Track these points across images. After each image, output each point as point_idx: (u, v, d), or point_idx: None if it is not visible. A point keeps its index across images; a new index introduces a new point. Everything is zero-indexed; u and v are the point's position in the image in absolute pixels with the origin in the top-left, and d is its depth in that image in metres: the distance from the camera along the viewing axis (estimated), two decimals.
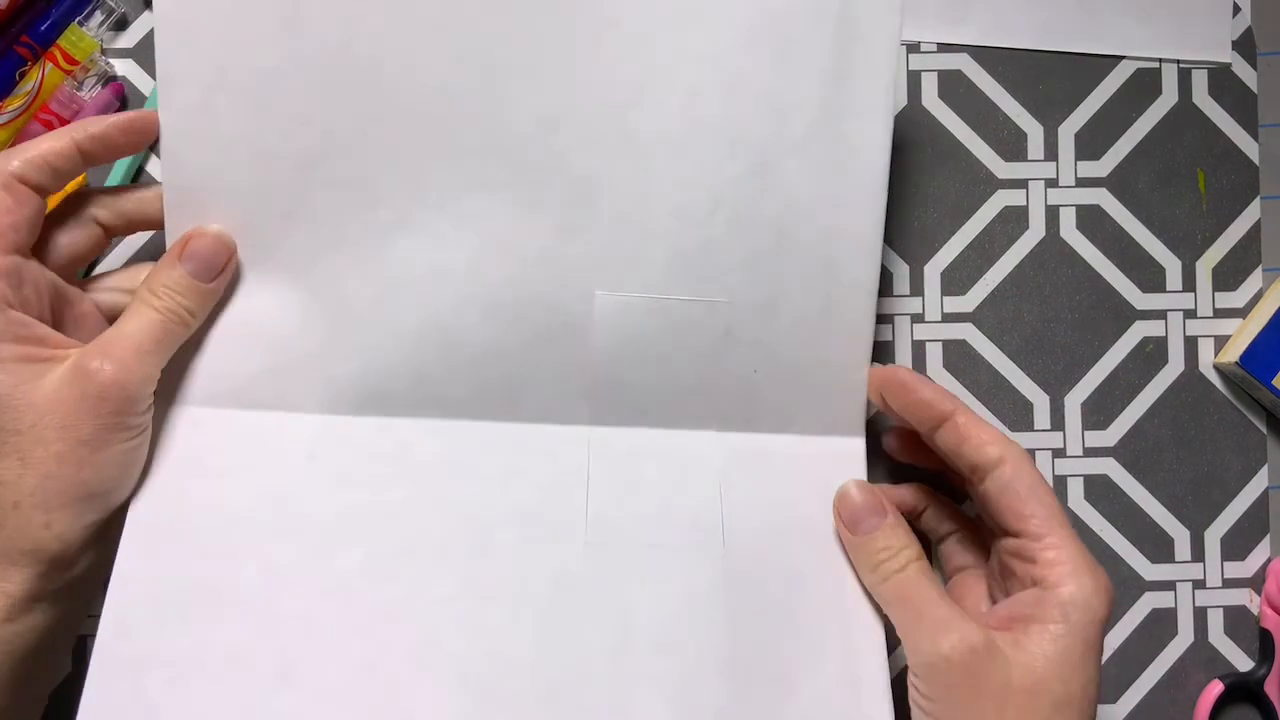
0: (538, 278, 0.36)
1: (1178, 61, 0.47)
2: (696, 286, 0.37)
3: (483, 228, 0.36)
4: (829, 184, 0.37)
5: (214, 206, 0.35)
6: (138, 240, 0.43)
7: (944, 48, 0.47)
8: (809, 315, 0.38)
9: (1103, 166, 0.47)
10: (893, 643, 0.36)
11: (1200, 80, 0.47)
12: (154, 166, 0.45)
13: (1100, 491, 0.46)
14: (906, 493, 0.41)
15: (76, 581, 0.33)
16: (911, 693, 0.34)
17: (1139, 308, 0.47)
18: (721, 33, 0.36)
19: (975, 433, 0.35)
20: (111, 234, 0.37)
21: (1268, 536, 0.46)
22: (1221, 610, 0.46)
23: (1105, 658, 0.40)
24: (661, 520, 0.36)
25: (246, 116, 0.35)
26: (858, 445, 0.39)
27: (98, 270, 0.43)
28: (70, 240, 0.35)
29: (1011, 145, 0.47)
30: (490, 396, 0.37)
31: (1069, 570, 0.33)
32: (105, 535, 0.33)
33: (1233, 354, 0.45)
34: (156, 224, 0.36)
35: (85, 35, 0.45)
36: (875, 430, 0.42)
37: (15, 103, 0.44)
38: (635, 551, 0.35)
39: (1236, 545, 0.46)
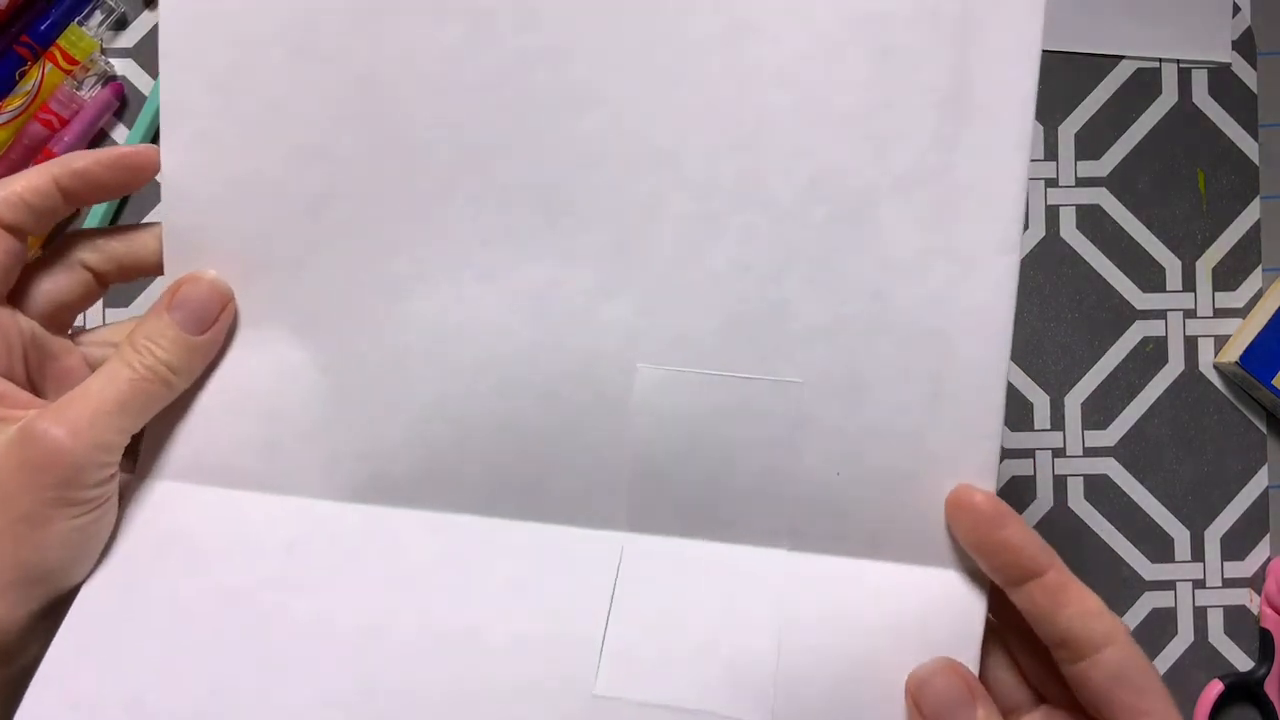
0: (569, 345, 0.30)
1: (1178, 61, 0.47)
2: (763, 361, 0.30)
3: (508, 282, 0.31)
4: (941, 234, 0.29)
5: (217, 251, 0.32)
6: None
7: None
8: (911, 405, 0.30)
9: (1103, 166, 0.47)
10: None
11: (1200, 80, 0.47)
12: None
13: (1100, 491, 0.46)
14: None
15: (25, 674, 0.29)
16: None
17: (1139, 308, 0.47)
18: (801, 44, 0.29)
19: (1077, 599, 0.28)
20: (104, 281, 0.33)
21: (1267, 536, 0.46)
22: (1221, 610, 0.46)
23: None
24: (695, 671, 0.29)
25: (255, 150, 0.31)
26: (976, 583, 0.29)
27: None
28: (54, 286, 0.32)
29: None
30: (505, 487, 0.31)
31: None
32: (59, 620, 0.30)
33: (1233, 354, 0.45)
34: (153, 269, 0.33)
35: (85, 35, 0.45)
36: None
37: (15, 102, 0.44)
38: (653, 717, 0.29)
39: (1236, 545, 0.46)
